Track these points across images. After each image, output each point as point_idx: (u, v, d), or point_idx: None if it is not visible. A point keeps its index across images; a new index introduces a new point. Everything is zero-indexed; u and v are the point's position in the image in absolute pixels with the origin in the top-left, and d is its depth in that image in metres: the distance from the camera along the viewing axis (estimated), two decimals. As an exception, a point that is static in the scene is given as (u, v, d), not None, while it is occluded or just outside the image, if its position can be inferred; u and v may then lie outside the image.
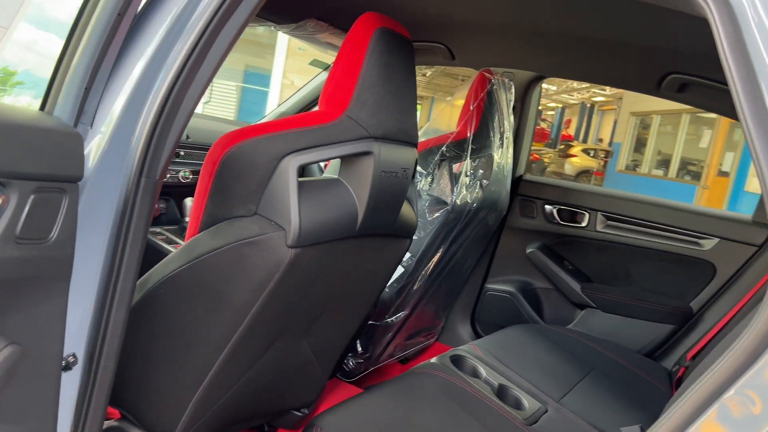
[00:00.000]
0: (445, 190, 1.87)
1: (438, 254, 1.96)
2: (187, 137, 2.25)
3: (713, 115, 10.87)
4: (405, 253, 1.53)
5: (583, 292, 2.32)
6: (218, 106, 10.94)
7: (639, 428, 1.63)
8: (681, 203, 2.31)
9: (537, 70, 2.31)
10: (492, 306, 2.48)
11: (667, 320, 2.21)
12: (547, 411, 1.58)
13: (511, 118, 2.14)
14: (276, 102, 8.77)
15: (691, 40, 1.63)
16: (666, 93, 1.95)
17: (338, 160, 1.27)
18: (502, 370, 1.73)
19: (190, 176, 2.23)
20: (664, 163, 12.82)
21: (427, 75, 11.76)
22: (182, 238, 1.95)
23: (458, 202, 1.90)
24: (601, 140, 20.54)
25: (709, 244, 2.18)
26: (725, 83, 1.81)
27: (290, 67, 8.80)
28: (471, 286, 2.50)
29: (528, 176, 2.47)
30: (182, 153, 2.24)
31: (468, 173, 1.93)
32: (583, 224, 2.37)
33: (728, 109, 1.90)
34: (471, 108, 1.96)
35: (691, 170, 11.86)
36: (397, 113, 1.28)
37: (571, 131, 18.89)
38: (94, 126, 0.98)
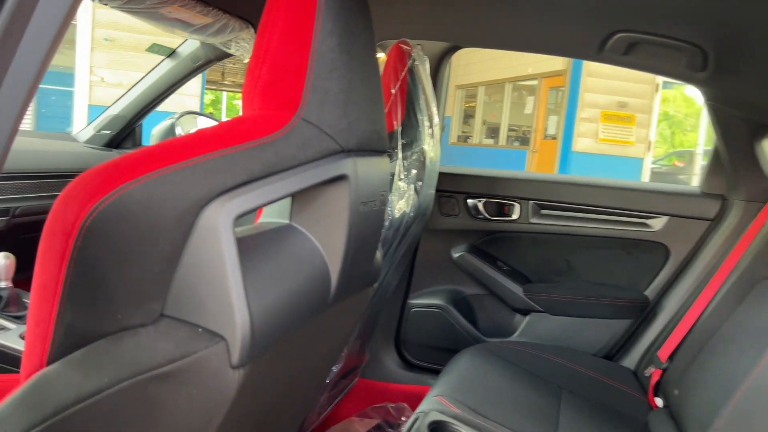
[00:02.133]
0: (380, 202, 1.42)
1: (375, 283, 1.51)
2: None
3: (534, 82, 11.48)
4: (368, 304, 1.08)
5: (526, 296, 2.01)
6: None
7: None
8: (623, 181, 2.07)
9: (453, 40, 1.91)
10: (419, 324, 2.09)
11: (622, 315, 1.96)
12: None
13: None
14: (85, 102, 7.57)
15: None
16: (609, 56, 1.66)
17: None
18: (486, 428, 1.37)
19: None
20: (494, 131, 13.38)
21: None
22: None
23: (396, 214, 1.46)
24: (426, 115, 21.17)
25: (658, 223, 1.96)
26: (679, 39, 1.56)
27: (97, 61, 7.66)
28: (392, 306, 2.08)
29: (443, 168, 2.09)
30: None
31: (401, 176, 1.49)
32: (514, 217, 2.05)
33: (680, 70, 1.66)
34: (393, 91, 1.52)
35: (519, 137, 12.47)
36: (368, 109, 0.80)
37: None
38: None
